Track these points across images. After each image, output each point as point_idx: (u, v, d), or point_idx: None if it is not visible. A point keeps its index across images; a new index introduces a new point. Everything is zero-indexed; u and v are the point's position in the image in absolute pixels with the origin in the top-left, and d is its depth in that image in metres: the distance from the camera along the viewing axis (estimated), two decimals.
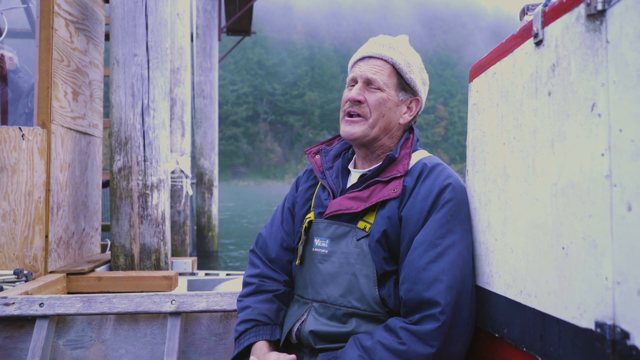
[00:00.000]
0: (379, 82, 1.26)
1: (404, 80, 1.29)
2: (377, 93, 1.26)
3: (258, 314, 1.28)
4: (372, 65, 1.27)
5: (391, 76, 1.28)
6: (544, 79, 0.92)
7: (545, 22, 0.91)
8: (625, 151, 0.71)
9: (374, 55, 1.28)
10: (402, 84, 1.29)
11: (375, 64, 1.27)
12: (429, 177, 1.20)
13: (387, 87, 1.27)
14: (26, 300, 1.58)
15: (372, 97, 1.26)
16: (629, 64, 0.70)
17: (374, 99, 1.26)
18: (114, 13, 3.02)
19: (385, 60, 1.27)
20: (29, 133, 2.60)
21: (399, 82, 1.29)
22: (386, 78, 1.27)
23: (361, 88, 1.27)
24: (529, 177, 0.97)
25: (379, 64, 1.27)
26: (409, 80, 1.29)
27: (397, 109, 1.29)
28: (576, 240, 0.81)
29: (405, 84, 1.29)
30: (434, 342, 1.07)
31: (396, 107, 1.29)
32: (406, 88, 1.30)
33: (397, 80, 1.28)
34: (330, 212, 1.24)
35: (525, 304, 0.97)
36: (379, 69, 1.27)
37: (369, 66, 1.27)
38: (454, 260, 1.13)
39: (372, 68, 1.27)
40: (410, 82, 1.29)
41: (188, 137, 6.04)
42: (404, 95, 1.30)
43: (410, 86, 1.30)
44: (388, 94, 1.27)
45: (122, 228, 2.91)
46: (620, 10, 0.72)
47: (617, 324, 0.72)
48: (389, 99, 1.27)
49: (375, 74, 1.26)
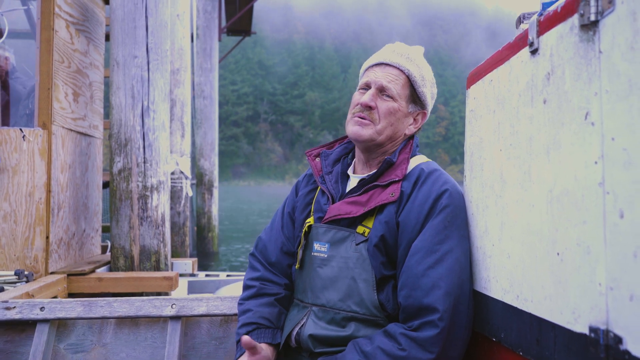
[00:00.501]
0: (392, 91, 1.26)
1: (416, 93, 1.30)
2: (389, 102, 1.26)
3: (259, 317, 1.29)
4: (387, 73, 1.27)
5: (405, 87, 1.28)
6: (540, 87, 0.93)
7: (541, 32, 0.92)
8: (617, 160, 0.72)
9: (391, 63, 1.28)
10: (413, 97, 1.30)
11: (391, 73, 1.27)
12: (426, 183, 1.21)
13: (400, 98, 1.27)
14: (27, 304, 1.59)
15: (384, 105, 1.26)
16: (621, 74, 0.72)
17: (384, 107, 1.26)
18: (114, 15, 3.03)
19: (401, 71, 1.28)
20: (30, 134, 2.61)
21: (411, 94, 1.29)
22: (400, 88, 1.27)
23: (374, 94, 1.27)
24: (525, 184, 0.98)
25: (395, 73, 1.27)
26: (421, 93, 1.30)
27: (405, 119, 1.30)
28: (571, 246, 0.83)
29: (417, 96, 1.30)
30: (433, 349, 1.08)
31: (404, 118, 1.30)
32: (416, 101, 1.31)
33: (410, 92, 1.29)
34: (329, 217, 1.25)
35: (522, 308, 0.98)
36: (394, 78, 1.27)
37: (384, 73, 1.27)
38: (452, 266, 1.14)
39: (388, 76, 1.27)
40: (422, 95, 1.30)
41: (188, 138, 6.04)
42: (413, 108, 1.31)
43: (421, 99, 1.31)
44: (399, 104, 1.27)
45: (122, 230, 2.92)
46: (613, 21, 0.73)
47: (611, 329, 0.73)
48: (399, 110, 1.27)
49: (390, 82, 1.26)
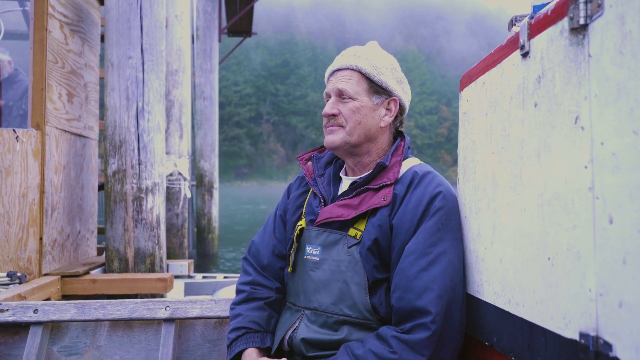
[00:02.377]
0: (348, 91, 1.27)
1: (374, 84, 1.29)
2: (349, 102, 1.27)
3: (249, 321, 1.29)
4: (340, 77, 1.29)
5: (360, 82, 1.28)
6: (531, 90, 0.92)
7: (532, 34, 0.92)
8: (606, 164, 0.72)
9: (341, 67, 1.30)
10: (373, 88, 1.29)
11: (343, 75, 1.29)
12: (420, 186, 1.20)
13: (358, 95, 1.27)
14: (20, 307, 1.59)
15: (345, 108, 1.27)
16: (610, 78, 0.71)
17: (346, 109, 1.27)
18: (108, 15, 3.02)
19: (351, 69, 1.29)
20: (23, 135, 2.60)
21: (370, 87, 1.29)
22: (355, 86, 1.27)
23: (334, 102, 1.28)
24: (517, 187, 0.97)
25: (346, 73, 1.29)
26: (379, 82, 1.29)
27: (373, 113, 1.29)
28: (561, 251, 0.82)
29: (377, 86, 1.29)
30: (424, 351, 1.07)
31: (373, 112, 1.29)
32: (379, 90, 1.30)
33: (368, 85, 1.29)
34: (321, 220, 1.25)
35: (514, 313, 0.98)
36: (347, 79, 1.28)
37: (337, 78, 1.29)
38: (445, 269, 1.13)
39: (341, 79, 1.28)
40: (381, 83, 1.29)
41: (186, 139, 6.02)
42: (378, 99, 1.30)
43: (383, 87, 1.30)
44: (360, 101, 1.27)
45: (116, 232, 2.91)
46: (601, 25, 0.73)
47: (600, 335, 0.73)
48: (362, 106, 1.27)
49: (344, 84, 1.27)
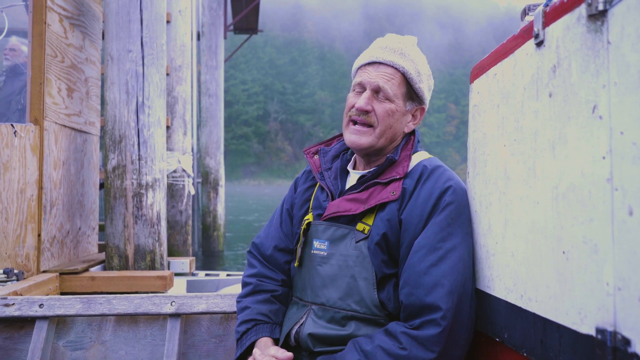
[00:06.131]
0: (388, 92, 1.21)
1: (413, 90, 1.25)
2: (386, 104, 1.21)
3: (257, 313, 1.28)
4: (382, 72, 1.22)
5: (401, 86, 1.23)
6: (545, 81, 0.90)
7: (546, 23, 0.90)
8: (626, 154, 0.70)
9: (384, 61, 1.22)
10: (410, 94, 1.25)
11: (386, 72, 1.21)
12: (430, 180, 1.18)
13: (396, 98, 1.22)
14: (26, 301, 1.58)
15: (381, 108, 1.21)
16: (631, 66, 0.69)
17: (382, 110, 1.21)
18: (108, 8, 2.98)
19: (396, 69, 1.22)
20: (21, 130, 2.56)
21: (408, 92, 1.25)
22: (396, 88, 1.22)
23: (369, 97, 1.21)
24: (530, 180, 0.95)
25: (390, 72, 1.22)
26: (418, 90, 1.26)
27: (403, 118, 1.26)
28: (577, 244, 0.80)
29: (414, 93, 1.26)
30: (434, 348, 1.06)
31: (402, 117, 1.26)
32: (414, 97, 1.27)
33: (406, 90, 1.24)
34: (328, 214, 1.23)
35: (526, 308, 0.96)
36: (389, 78, 1.21)
37: (378, 73, 1.22)
38: (455, 264, 1.11)
39: (383, 76, 1.21)
40: (419, 91, 1.26)
41: (190, 136, 5.98)
42: (410, 105, 1.27)
43: (418, 95, 1.27)
44: (397, 104, 1.22)
45: (116, 228, 2.89)
46: (622, 10, 0.71)
47: (618, 330, 0.71)
48: (397, 110, 1.23)
49: (386, 82, 1.21)
